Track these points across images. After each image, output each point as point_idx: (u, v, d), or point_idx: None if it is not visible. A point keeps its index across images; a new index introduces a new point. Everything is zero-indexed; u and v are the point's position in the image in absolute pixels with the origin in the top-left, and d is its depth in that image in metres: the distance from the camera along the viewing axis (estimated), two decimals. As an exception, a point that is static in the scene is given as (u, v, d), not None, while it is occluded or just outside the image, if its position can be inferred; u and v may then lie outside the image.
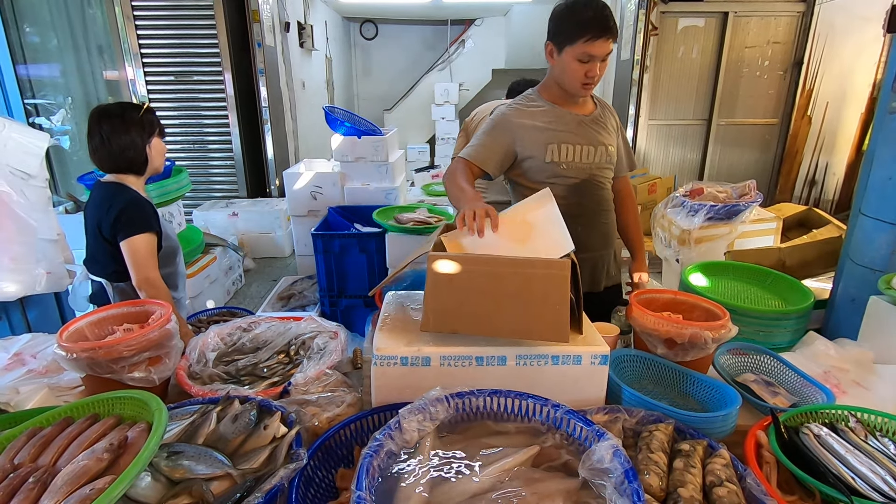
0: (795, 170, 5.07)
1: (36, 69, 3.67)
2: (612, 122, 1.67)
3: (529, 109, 1.58)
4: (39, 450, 0.81)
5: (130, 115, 1.61)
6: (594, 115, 1.62)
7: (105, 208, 1.59)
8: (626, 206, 1.79)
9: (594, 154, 1.60)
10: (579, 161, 1.59)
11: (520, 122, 1.56)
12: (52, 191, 2.15)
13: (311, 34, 5.88)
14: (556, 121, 1.57)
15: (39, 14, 3.65)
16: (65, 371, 1.25)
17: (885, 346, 1.35)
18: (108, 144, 1.59)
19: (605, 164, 1.63)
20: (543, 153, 1.56)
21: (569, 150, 1.57)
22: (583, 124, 1.59)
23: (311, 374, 1.13)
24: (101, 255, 1.65)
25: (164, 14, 4.32)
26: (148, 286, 1.58)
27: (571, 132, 1.57)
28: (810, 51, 4.70)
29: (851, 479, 0.86)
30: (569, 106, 1.60)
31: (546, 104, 1.59)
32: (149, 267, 1.59)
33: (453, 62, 8.05)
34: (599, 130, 1.61)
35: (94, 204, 1.64)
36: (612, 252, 1.75)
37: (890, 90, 1.43)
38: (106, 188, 1.64)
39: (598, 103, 1.66)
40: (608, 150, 1.62)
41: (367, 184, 3.29)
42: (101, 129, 1.58)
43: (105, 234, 1.60)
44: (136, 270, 1.57)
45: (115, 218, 1.57)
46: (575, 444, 0.86)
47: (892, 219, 1.45)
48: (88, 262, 1.71)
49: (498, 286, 1.02)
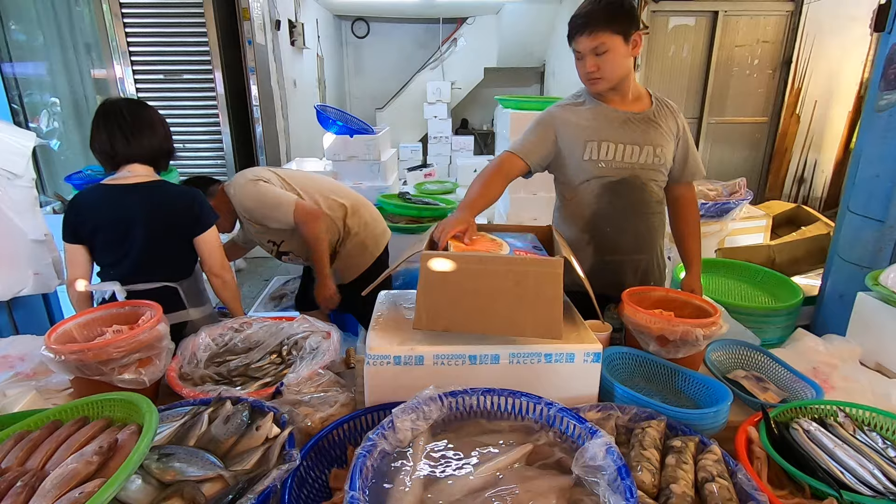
0: (784, 168, 5.12)
1: (22, 67, 3.62)
2: (672, 124, 1.56)
3: (574, 107, 1.55)
4: (27, 453, 0.80)
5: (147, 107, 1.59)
6: (646, 114, 1.52)
7: (178, 207, 1.54)
8: (685, 215, 1.67)
9: (639, 153, 1.51)
10: (621, 160, 1.51)
11: (564, 118, 1.53)
12: (39, 191, 2.12)
13: (303, 32, 5.84)
14: (599, 118, 1.51)
15: (25, 11, 3.59)
16: (53, 373, 1.24)
17: (873, 342, 1.37)
18: (153, 136, 1.54)
19: (651, 164, 1.53)
20: (582, 151, 1.51)
21: (609, 148, 1.50)
22: (629, 122, 1.51)
23: (303, 375, 1.13)
24: (172, 257, 1.59)
25: (152, 12, 4.27)
26: (226, 269, 1.63)
27: (615, 130, 1.51)
28: (799, 50, 4.74)
29: (840, 473, 0.87)
30: (616, 103, 1.52)
31: (592, 101, 1.54)
32: (222, 250, 1.65)
33: (445, 61, 8.03)
34: (649, 130, 1.52)
35: (151, 207, 1.53)
36: (649, 258, 1.64)
37: (877, 89, 1.45)
38: (159, 188, 1.55)
39: (656, 101, 1.56)
40: (657, 151, 1.52)
41: (360, 183, 3.28)
42: (152, 118, 1.55)
43: (183, 233, 1.57)
44: (217, 256, 1.61)
45: (198, 213, 1.56)
46: (568, 442, 0.86)
47: (880, 216, 1.47)
48: (142, 271, 1.55)
49: (491, 284, 1.02)
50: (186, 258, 1.62)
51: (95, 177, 2.49)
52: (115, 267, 1.55)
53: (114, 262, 1.56)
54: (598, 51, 1.40)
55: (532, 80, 8.41)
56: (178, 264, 1.61)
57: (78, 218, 1.51)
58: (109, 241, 1.53)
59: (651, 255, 1.65)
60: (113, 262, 1.56)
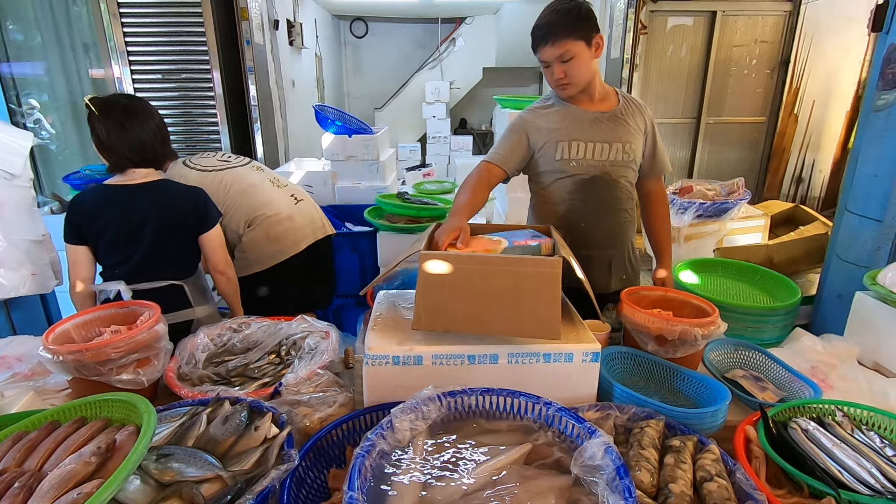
0: (783, 167, 5.13)
1: (19, 67, 3.61)
2: (639, 121, 1.62)
3: (544, 111, 1.61)
4: (25, 454, 0.79)
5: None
6: (614, 112, 1.58)
7: (184, 206, 1.56)
8: (656, 210, 1.76)
9: (609, 151, 1.57)
10: (591, 158, 1.57)
11: (534, 122, 1.59)
12: (36, 191, 2.11)
13: (301, 32, 5.83)
14: (567, 119, 1.57)
15: (23, 11, 3.58)
16: (51, 374, 1.23)
17: (871, 341, 1.37)
18: (158, 137, 1.56)
19: (621, 161, 1.59)
20: (554, 151, 1.57)
21: (580, 147, 1.56)
22: (598, 121, 1.57)
23: (302, 375, 1.13)
24: (177, 256, 1.60)
25: (150, 12, 4.26)
26: (229, 265, 1.65)
27: (584, 129, 1.56)
28: (797, 50, 4.75)
29: (838, 473, 0.87)
30: (585, 104, 1.58)
31: (561, 104, 1.60)
32: (225, 248, 1.67)
33: (444, 60, 8.03)
34: (616, 128, 1.57)
35: (160, 207, 1.53)
36: (622, 252, 1.70)
37: (875, 88, 1.45)
38: (165, 188, 1.57)
39: (623, 100, 1.62)
40: (626, 148, 1.58)
41: (358, 182, 3.28)
42: (155, 121, 1.55)
43: (189, 232, 1.59)
44: (221, 253, 1.63)
45: (204, 211, 1.58)
46: (567, 442, 0.86)
47: (877, 215, 1.47)
48: (148, 271, 1.55)
49: (490, 284, 1.02)
50: (190, 256, 1.63)
51: (94, 177, 2.49)
52: (121, 266, 1.55)
53: (119, 262, 1.55)
54: (564, 58, 1.46)
55: (531, 79, 8.42)
56: (182, 262, 1.63)
57: (82, 219, 1.51)
58: (116, 241, 1.53)
59: (623, 250, 1.70)
60: (118, 262, 1.55)
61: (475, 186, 1.51)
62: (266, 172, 2.17)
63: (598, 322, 1.35)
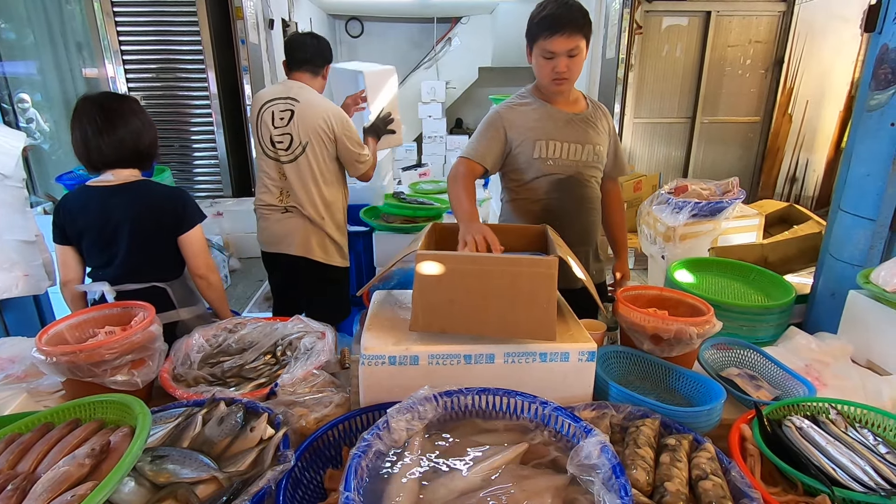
0: (777, 167, 5.16)
1: (12, 66, 3.58)
2: (604, 124, 1.69)
3: (521, 107, 1.63)
4: (18, 456, 0.79)
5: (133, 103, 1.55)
6: (585, 114, 1.65)
7: (164, 208, 1.52)
8: (616, 208, 1.87)
9: (581, 152, 1.63)
10: (566, 158, 1.62)
11: (511, 119, 1.61)
12: (29, 191, 2.09)
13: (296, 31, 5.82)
14: (545, 117, 1.60)
15: (15, 9, 3.55)
16: (44, 375, 1.22)
17: (864, 340, 1.38)
18: (139, 136, 1.51)
19: (592, 162, 1.65)
20: (531, 149, 1.59)
21: (556, 147, 1.60)
22: (572, 122, 1.62)
23: (298, 375, 1.12)
24: (160, 258, 1.57)
25: (144, 10, 4.24)
26: (211, 270, 1.61)
27: (560, 129, 1.60)
28: (790, 50, 4.78)
29: (832, 470, 0.88)
30: (559, 104, 1.63)
31: (536, 102, 1.63)
32: (207, 251, 1.62)
33: (440, 60, 8.03)
34: (588, 130, 1.64)
35: (138, 208, 1.50)
36: (590, 250, 1.76)
37: (868, 88, 1.46)
38: (144, 189, 1.53)
39: (590, 103, 1.69)
40: (596, 150, 1.65)
41: (354, 182, 3.26)
42: (138, 119, 1.51)
43: (168, 234, 1.55)
44: (202, 256, 1.59)
45: (182, 212, 1.54)
46: (563, 441, 0.87)
47: (871, 215, 1.48)
48: (130, 273, 1.54)
49: (486, 284, 1.02)
50: (175, 259, 1.60)
51: (87, 176, 2.47)
52: (105, 268, 1.55)
53: (102, 264, 1.55)
54: (572, 53, 1.48)
55: (526, 79, 8.36)
56: (166, 265, 1.60)
57: (65, 220, 1.51)
58: (96, 243, 1.52)
59: (590, 248, 1.77)
60: (101, 263, 1.55)
61: (466, 185, 1.52)
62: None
63: (593, 321, 1.35)
